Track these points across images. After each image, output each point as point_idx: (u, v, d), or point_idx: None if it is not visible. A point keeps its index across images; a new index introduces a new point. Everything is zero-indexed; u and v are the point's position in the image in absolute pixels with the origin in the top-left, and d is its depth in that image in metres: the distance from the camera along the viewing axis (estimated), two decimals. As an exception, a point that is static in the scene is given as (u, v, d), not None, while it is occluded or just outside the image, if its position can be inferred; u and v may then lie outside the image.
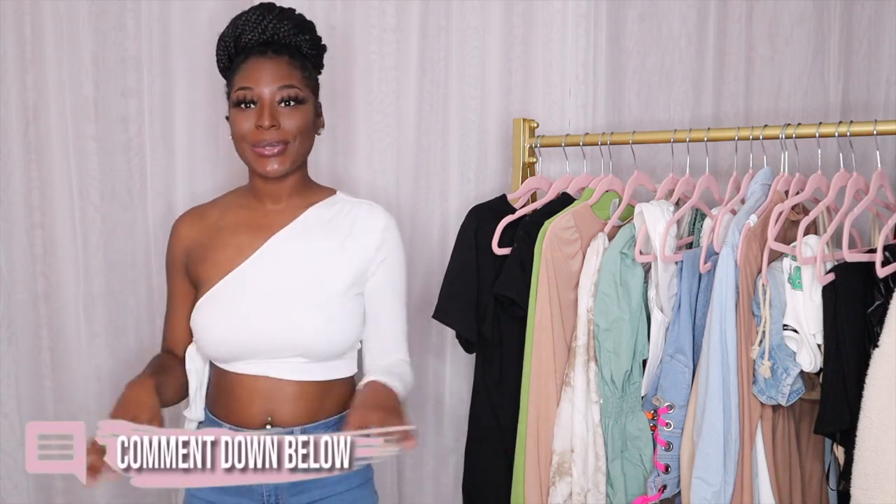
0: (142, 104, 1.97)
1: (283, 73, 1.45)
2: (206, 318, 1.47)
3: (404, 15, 2.01)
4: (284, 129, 1.44)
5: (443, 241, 2.05)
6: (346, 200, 1.57)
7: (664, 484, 1.58)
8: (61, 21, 1.92)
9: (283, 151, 1.45)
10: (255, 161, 1.46)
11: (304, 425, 1.45)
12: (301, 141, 1.47)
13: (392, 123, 2.04)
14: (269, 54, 1.46)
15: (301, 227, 1.51)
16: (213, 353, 1.48)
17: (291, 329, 1.44)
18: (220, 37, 1.52)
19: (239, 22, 1.48)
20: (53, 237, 1.97)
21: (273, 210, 1.52)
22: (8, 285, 1.97)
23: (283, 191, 1.52)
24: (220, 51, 1.51)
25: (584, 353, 1.62)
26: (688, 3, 2.09)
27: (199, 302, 1.48)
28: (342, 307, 1.48)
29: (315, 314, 1.45)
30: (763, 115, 2.11)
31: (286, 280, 1.46)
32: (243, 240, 1.49)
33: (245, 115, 1.45)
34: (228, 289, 1.47)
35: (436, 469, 2.13)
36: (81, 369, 2.00)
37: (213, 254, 1.50)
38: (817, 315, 1.44)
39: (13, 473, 2.02)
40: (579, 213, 1.68)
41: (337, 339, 1.47)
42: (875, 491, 1.33)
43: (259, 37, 1.47)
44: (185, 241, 1.55)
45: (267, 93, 1.44)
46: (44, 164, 1.95)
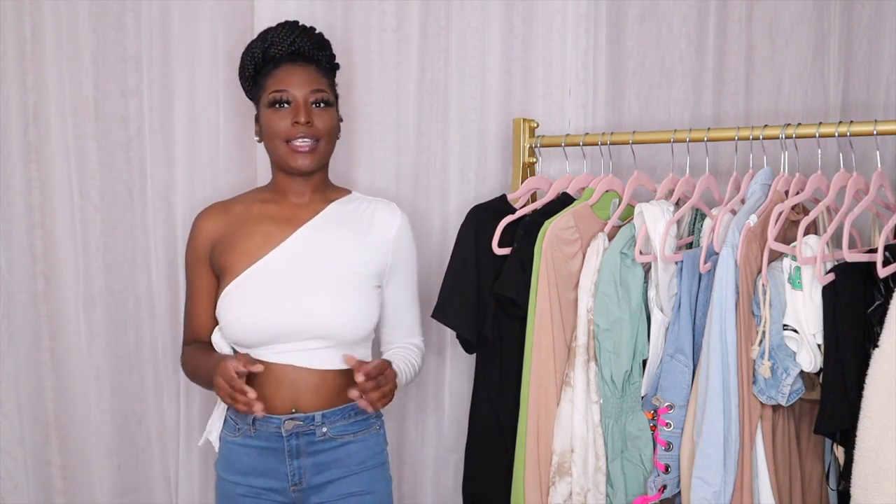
0: (142, 104, 1.97)
1: (314, 78, 1.61)
2: (235, 303, 1.57)
3: (404, 15, 2.01)
4: (317, 127, 1.59)
5: (443, 241, 2.05)
6: (363, 198, 1.72)
7: (664, 484, 1.58)
8: (61, 21, 1.92)
9: (314, 149, 1.59)
10: (288, 156, 1.59)
11: (323, 411, 1.57)
12: (328, 140, 1.62)
13: (392, 123, 2.04)
14: (300, 62, 1.62)
15: (324, 221, 1.64)
16: (240, 338, 1.58)
17: (316, 314, 1.56)
18: (247, 48, 1.67)
19: (268, 36, 1.64)
20: (53, 237, 1.97)
21: (297, 205, 1.65)
22: (8, 285, 1.96)
23: (307, 188, 1.65)
24: (247, 61, 1.66)
25: (584, 353, 1.62)
26: (688, 3, 2.09)
27: (227, 288, 1.58)
28: (362, 295, 1.60)
29: (337, 300, 1.57)
30: (763, 115, 2.11)
31: (311, 268, 1.59)
32: (270, 230, 1.62)
33: (280, 115, 1.59)
34: (257, 275, 1.58)
35: (436, 469, 2.13)
36: (81, 369, 1.99)
37: (240, 242, 1.61)
38: (817, 315, 1.44)
39: (13, 473, 2.01)
40: (579, 213, 1.68)
41: (356, 324, 1.59)
42: (875, 491, 1.33)
43: (286, 49, 1.62)
44: (209, 234, 1.66)
45: (300, 95, 1.59)
46: (44, 164, 1.95)
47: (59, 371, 2.00)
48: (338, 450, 1.59)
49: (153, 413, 2.04)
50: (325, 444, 1.58)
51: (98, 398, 2.01)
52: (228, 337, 1.60)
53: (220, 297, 1.59)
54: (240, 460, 1.60)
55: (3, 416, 2.00)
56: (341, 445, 1.59)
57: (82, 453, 2.03)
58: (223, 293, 1.59)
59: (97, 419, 2.01)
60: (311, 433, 1.56)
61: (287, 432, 1.55)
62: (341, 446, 1.59)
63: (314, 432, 1.57)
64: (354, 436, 1.60)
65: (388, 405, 2.06)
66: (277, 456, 1.57)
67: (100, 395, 2.01)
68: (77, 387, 2.00)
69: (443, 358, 2.09)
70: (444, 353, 2.08)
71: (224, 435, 1.64)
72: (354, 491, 1.60)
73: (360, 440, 1.61)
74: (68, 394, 2.01)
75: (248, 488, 1.60)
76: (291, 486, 1.58)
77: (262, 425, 1.57)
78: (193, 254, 1.67)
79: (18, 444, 2.01)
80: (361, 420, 1.62)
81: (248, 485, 1.60)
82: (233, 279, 1.58)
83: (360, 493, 1.60)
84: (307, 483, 1.58)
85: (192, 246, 1.67)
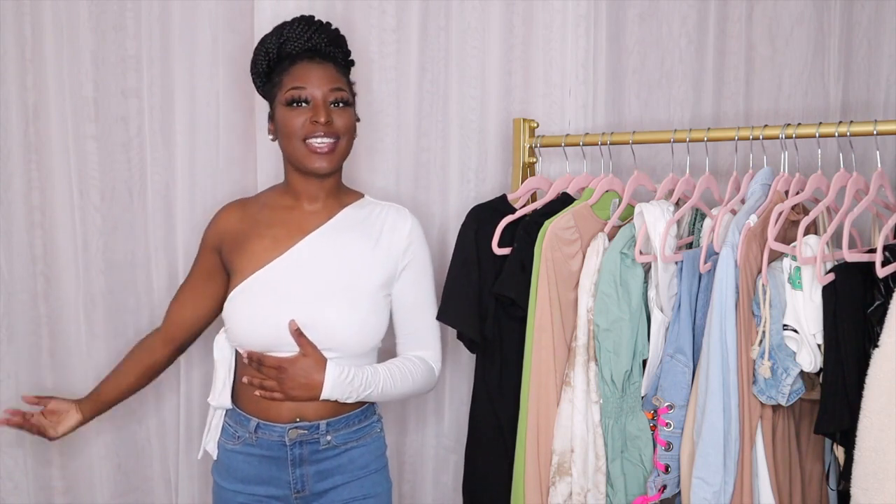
0: (142, 104, 1.97)
1: (332, 76, 1.57)
2: (241, 305, 1.54)
3: (404, 15, 2.01)
4: (336, 127, 1.54)
5: (443, 241, 2.05)
6: (375, 203, 1.68)
7: (664, 484, 1.58)
8: (61, 21, 1.92)
9: (332, 150, 1.54)
10: (306, 157, 1.54)
11: (328, 419, 1.55)
12: (346, 141, 1.57)
13: (392, 123, 2.04)
14: (318, 60, 1.57)
15: (336, 227, 1.60)
16: (244, 342, 1.55)
17: (321, 323, 1.51)
18: (260, 42, 1.61)
19: (283, 31, 1.58)
20: (53, 237, 1.97)
21: (309, 210, 1.61)
22: (8, 285, 1.96)
23: (321, 191, 1.61)
24: (260, 56, 1.60)
25: (584, 352, 1.62)
26: (688, 3, 2.09)
27: (235, 290, 1.56)
28: (372, 305, 1.56)
29: (348, 310, 1.54)
30: (763, 115, 2.11)
31: (320, 276, 1.55)
32: (280, 234, 1.58)
33: (298, 113, 1.53)
34: (264, 280, 1.54)
35: (436, 469, 2.13)
36: (81, 369, 2.00)
37: (249, 244, 1.58)
38: (817, 315, 1.44)
39: (13, 473, 2.01)
40: (579, 213, 1.68)
41: (364, 336, 1.55)
42: (875, 491, 1.33)
43: (303, 46, 1.57)
44: (224, 227, 1.64)
45: (319, 93, 1.54)
46: (44, 164, 1.95)
47: (59, 371, 2.00)
48: (341, 456, 1.58)
49: (153, 413, 2.05)
50: (329, 451, 1.57)
51: (98, 398, 2.01)
52: (233, 340, 1.58)
53: (228, 300, 1.57)
54: (239, 468, 1.58)
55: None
56: (344, 452, 1.58)
57: (82, 453, 2.03)
58: (230, 295, 1.57)
59: (97, 419, 2.01)
60: (315, 442, 1.55)
61: (291, 441, 1.54)
62: (344, 453, 1.58)
63: (318, 441, 1.55)
64: (357, 441, 1.60)
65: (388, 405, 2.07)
66: (280, 464, 1.55)
67: (100, 394, 2.01)
68: (77, 387, 2.00)
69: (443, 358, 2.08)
70: (444, 353, 2.08)
71: (222, 443, 1.62)
72: (357, 495, 1.59)
73: (363, 445, 1.61)
74: (68, 394, 2.01)
75: (250, 497, 1.58)
76: (294, 494, 1.57)
77: (263, 433, 1.55)
78: (205, 239, 1.67)
79: (18, 444, 2.01)
80: (364, 426, 1.61)
81: (250, 493, 1.58)
82: (240, 281, 1.56)
83: (362, 498, 1.60)
84: (310, 490, 1.57)
85: (205, 232, 1.68)
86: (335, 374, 1.51)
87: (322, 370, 1.50)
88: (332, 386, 1.50)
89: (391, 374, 1.59)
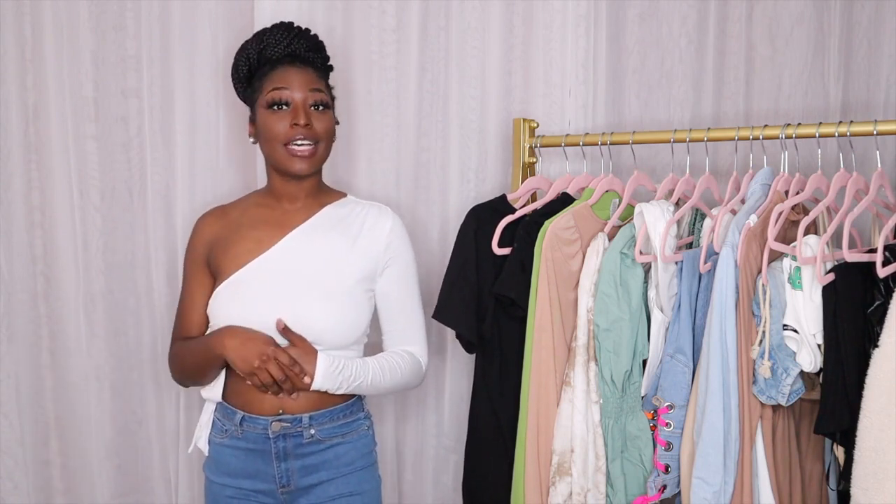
0: (142, 104, 1.97)
1: (312, 80, 1.60)
2: (224, 303, 1.58)
3: (404, 15, 2.01)
4: (316, 130, 1.58)
5: (443, 241, 2.05)
6: (357, 202, 1.70)
7: (664, 484, 1.58)
8: (61, 21, 1.92)
9: (312, 153, 1.58)
10: (286, 160, 1.58)
11: (311, 412, 1.57)
12: (326, 144, 1.61)
13: (392, 123, 2.04)
14: (298, 64, 1.61)
15: (316, 225, 1.63)
16: None
17: (301, 317, 1.54)
18: (241, 48, 1.65)
19: (263, 37, 1.62)
20: (53, 237, 1.97)
21: (290, 209, 1.64)
22: (8, 285, 1.97)
23: (301, 192, 1.64)
24: (241, 61, 1.64)
25: (584, 352, 1.62)
26: (688, 3, 2.09)
27: (218, 289, 1.59)
28: (351, 299, 1.59)
29: (326, 304, 1.56)
30: (763, 115, 2.11)
31: (301, 272, 1.58)
32: (262, 234, 1.62)
33: (278, 116, 1.57)
34: (246, 278, 1.58)
35: (436, 469, 2.13)
36: (81, 369, 2.00)
37: (234, 246, 1.61)
38: (817, 315, 1.44)
39: (13, 473, 2.02)
40: (579, 213, 1.68)
41: (343, 330, 1.58)
42: (875, 491, 1.33)
43: (283, 51, 1.61)
44: (207, 236, 1.66)
45: (300, 96, 1.58)
46: (44, 164, 1.95)
47: (59, 371, 2.01)
48: (326, 452, 1.58)
49: (153, 413, 2.05)
50: (313, 446, 1.57)
51: (98, 398, 2.01)
52: None
53: (212, 298, 1.60)
54: (227, 462, 1.60)
55: (3, 416, 2.00)
56: (329, 447, 1.59)
57: (82, 453, 2.03)
58: (214, 294, 1.60)
59: (97, 419, 2.01)
60: (298, 435, 1.56)
61: (274, 434, 1.55)
62: (329, 448, 1.59)
63: (301, 434, 1.56)
64: (343, 437, 1.60)
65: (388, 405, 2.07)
66: (265, 458, 1.57)
67: (100, 395, 2.01)
68: (77, 387, 2.01)
69: (443, 358, 2.09)
70: (444, 353, 2.08)
71: (211, 437, 1.64)
72: (343, 492, 1.60)
73: (349, 441, 1.61)
74: (68, 394, 2.01)
75: (237, 490, 1.59)
76: (279, 488, 1.58)
77: (248, 426, 1.56)
78: (191, 255, 1.68)
79: (18, 444, 2.01)
80: (350, 422, 1.61)
81: (237, 486, 1.59)
82: (224, 280, 1.59)
83: (348, 495, 1.60)
84: (295, 485, 1.58)
85: (190, 247, 1.68)
86: (325, 364, 1.53)
87: (313, 361, 1.52)
88: (324, 376, 1.52)
89: (380, 366, 1.61)
